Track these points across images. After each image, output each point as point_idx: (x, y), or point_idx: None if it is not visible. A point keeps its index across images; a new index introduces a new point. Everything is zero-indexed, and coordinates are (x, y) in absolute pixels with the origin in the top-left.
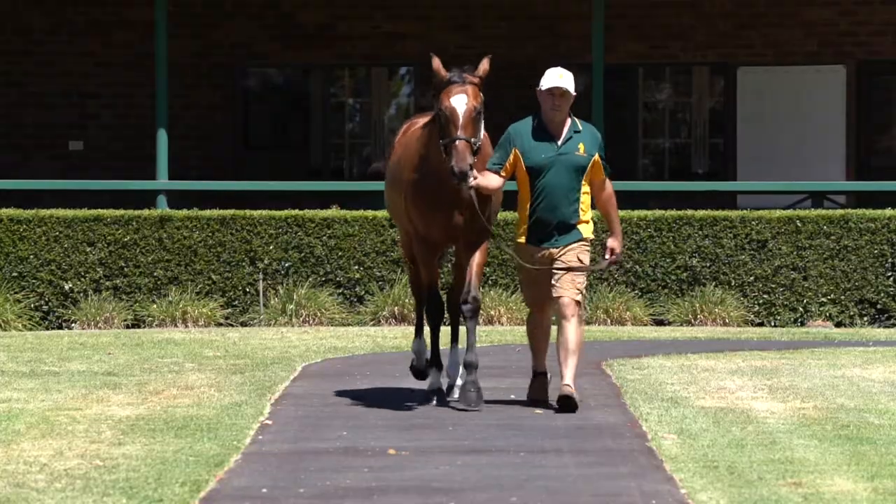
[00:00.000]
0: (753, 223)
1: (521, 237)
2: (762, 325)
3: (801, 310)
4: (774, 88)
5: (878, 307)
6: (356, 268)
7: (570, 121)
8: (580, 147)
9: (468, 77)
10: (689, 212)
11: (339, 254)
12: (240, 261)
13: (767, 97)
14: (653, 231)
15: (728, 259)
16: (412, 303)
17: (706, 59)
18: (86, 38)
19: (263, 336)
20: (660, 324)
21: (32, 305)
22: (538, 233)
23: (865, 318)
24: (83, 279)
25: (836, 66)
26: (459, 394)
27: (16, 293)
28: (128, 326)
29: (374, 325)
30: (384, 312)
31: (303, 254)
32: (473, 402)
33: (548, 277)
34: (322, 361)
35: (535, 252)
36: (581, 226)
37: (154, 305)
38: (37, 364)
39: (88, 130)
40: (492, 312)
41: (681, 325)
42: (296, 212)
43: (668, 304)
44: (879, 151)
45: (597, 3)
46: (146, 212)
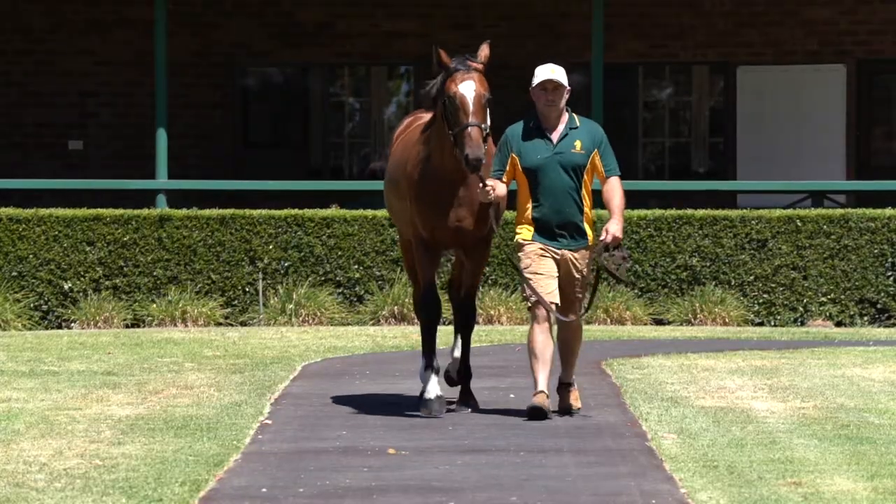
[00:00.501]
0: (753, 222)
1: (527, 235)
2: (762, 325)
3: (801, 309)
4: (774, 87)
5: (879, 307)
6: (356, 267)
7: (567, 117)
8: (576, 144)
9: (472, 64)
10: (689, 211)
11: (339, 253)
12: (239, 260)
13: (767, 96)
14: (653, 230)
15: (728, 258)
16: (412, 302)
17: (706, 58)
18: (85, 37)
19: (263, 336)
20: (659, 323)
21: (32, 305)
22: (547, 232)
23: (865, 318)
24: (83, 279)
25: (836, 66)
26: (459, 398)
27: (15, 293)
28: (127, 326)
29: (374, 325)
30: (384, 312)
31: (302, 253)
32: (470, 407)
33: (555, 269)
34: (322, 361)
35: (540, 246)
36: (586, 227)
37: (153, 305)
38: (36, 364)
39: (88, 129)
40: (492, 312)
41: (680, 325)
42: (295, 211)
43: (668, 304)
44: (880, 151)
45: (596, 2)
46: (145, 211)
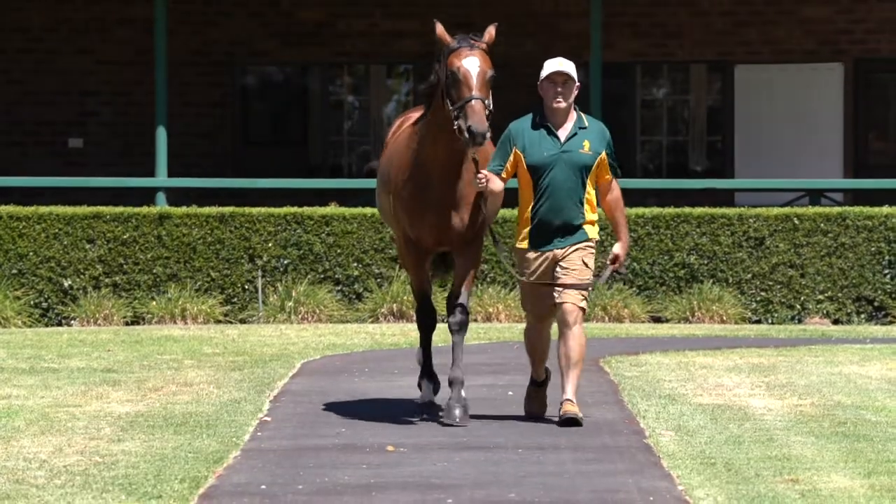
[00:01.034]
0: (751, 220)
1: (523, 242)
2: (759, 323)
3: (799, 307)
4: (772, 86)
5: (875, 304)
6: (355, 265)
7: (576, 116)
8: (585, 144)
9: (476, 42)
10: (687, 209)
11: (338, 251)
12: (239, 258)
13: (765, 95)
14: (651, 228)
15: (726, 256)
16: (411, 300)
17: (704, 57)
18: (85, 36)
19: (262, 333)
20: (657, 321)
21: (32, 302)
22: (541, 236)
23: (862, 316)
24: (83, 276)
25: (834, 64)
26: (444, 410)
27: (15, 290)
28: (127, 323)
29: (373, 323)
30: (383, 309)
31: (302, 251)
32: (458, 419)
33: (550, 284)
34: (321, 358)
35: (538, 257)
36: (587, 226)
37: (153, 302)
38: (36, 361)
39: (88, 128)
40: (490, 310)
41: (678, 323)
42: (295, 209)
43: (666, 302)
44: (876, 149)
45: (594, 2)
46: (145, 209)
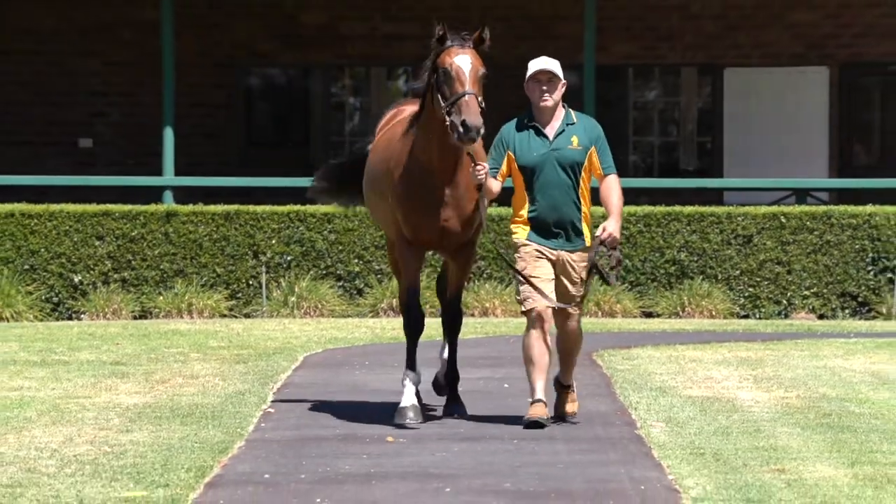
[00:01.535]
0: (739, 219)
1: (522, 235)
2: (747, 318)
3: (785, 302)
4: (760, 89)
5: (860, 300)
6: (356, 261)
7: (564, 112)
8: (573, 140)
9: (469, 41)
10: (678, 208)
11: (340, 248)
12: (243, 254)
13: (753, 97)
14: (642, 226)
15: (715, 253)
16: (398, 302)
17: (694, 60)
18: (93, 38)
19: (266, 327)
20: (649, 316)
21: (43, 297)
22: (543, 232)
23: (847, 311)
24: (92, 272)
25: (820, 68)
26: (446, 405)
27: (27, 285)
28: (135, 318)
29: (373, 317)
30: (383, 304)
31: (304, 248)
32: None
33: (551, 271)
34: (323, 352)
35: (539, 246)
36: (584, 227)
37: (161, 297)
38: (47, 353)
39: (97, 128)
40: (487, 305)
41: (669, 318)
42: (298, 207)
43: (657, 297)
44: (861, 150)
45: (588, 6)
46: (153, 207)
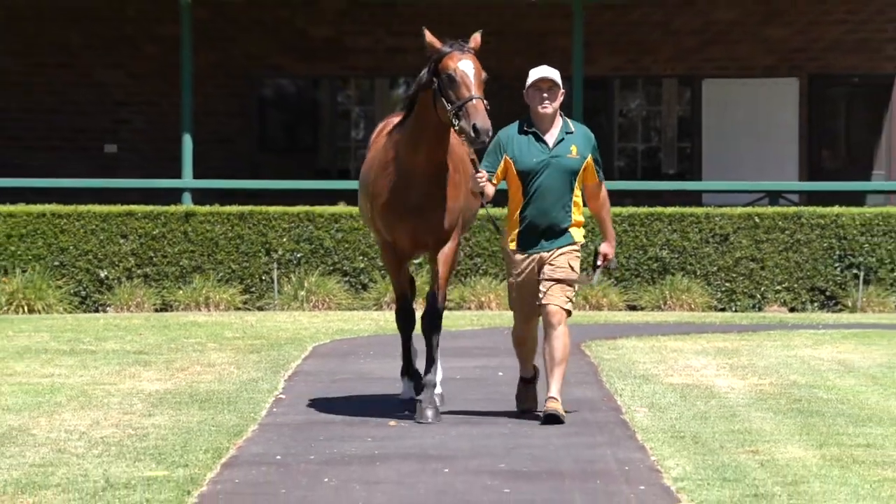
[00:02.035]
0: (717, 219)
1: (512, 243)
2: (724, 311)
3: (759, 296)
4: (735, 98)
5: (827, 294)
6: (361, 258)
7: (562, 121)
8: (573, 149)
9: (467, 47)
10: (660, 209)
11: (346, 246)
12: (256, 252)
13: (729, 106)
14: (627, 226)
15: (694, 251)
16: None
17: (675, 72)
18: (118, 52)
19: (277, 319)
20: (633, 309)
21: (72, 291)
22: (529, 238)
23: (816, 304)
24: (117, 268)
25: (791, 79)
26: (417, 412)
27: (57, 280)
28: (156, 310)
29: (377, 310)
30: (386, 298)
31: (313, 245)
32: (430, 419)
33: (536, 285)
34: (330, 342)
35: (525, 258)
36: (573, 229)
37: (180, 291)
38: (76, 343)
39: (121, 135)
40: (482, 298)
41: (652, 311)
42: (307, 208)
43: (641, 292)
44: (828, 155)
45: (577, 22)
46: (173, 208)
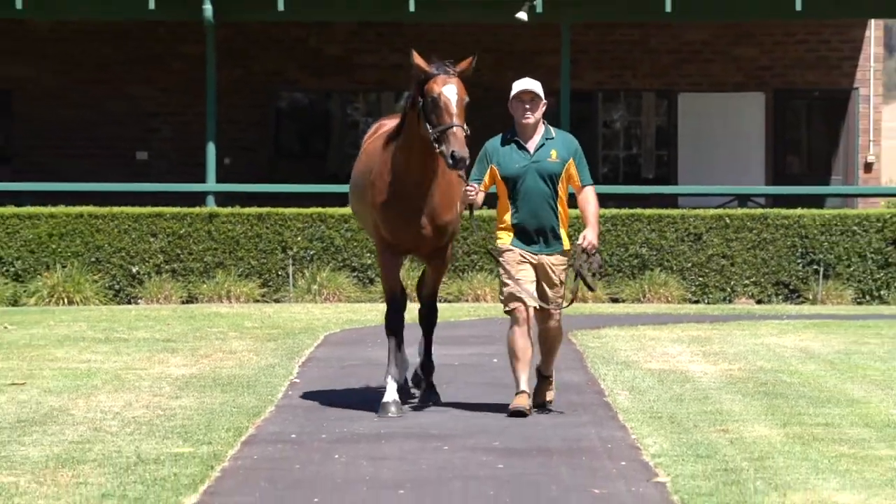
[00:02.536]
0: (691, 220)
1: (506, 240)
2: (698, 303)
3: (729, 290)
4: (708, 111)
5: (791, 288)
6: (368, 255)
7: (544, 129)
8: (552, 153)
9: (452, 70)
10: (639, 210)
11: (355, 244)
12: (273, 249)
13: (703, 118)
14: (610, 226)
15: (671, 249)
16: (415, 284)
17: (653, 87)
18: (149, 68)
19: (292, 311)
20: (615, 301)
21: (107, 285)
22: (524, 237)
23: (780, 297)
24: (147, 264)
25: (757, 94)
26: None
27: (93, 275)
28: (183, 302)
29: (383, 303)
30: None
31: (325, 244)
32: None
33: (532, 276)
34: (340, 331)
35: (526, 255)
36: (562, 231)
37: (204, 285)
38: (110, 332)
39: (151, 143)
40: (478, 292)
41: (632, 303)
42: (319, 209)
43: (622, 286)
44: (792, 162)
45: (564, 41)
46: (197, 209)
